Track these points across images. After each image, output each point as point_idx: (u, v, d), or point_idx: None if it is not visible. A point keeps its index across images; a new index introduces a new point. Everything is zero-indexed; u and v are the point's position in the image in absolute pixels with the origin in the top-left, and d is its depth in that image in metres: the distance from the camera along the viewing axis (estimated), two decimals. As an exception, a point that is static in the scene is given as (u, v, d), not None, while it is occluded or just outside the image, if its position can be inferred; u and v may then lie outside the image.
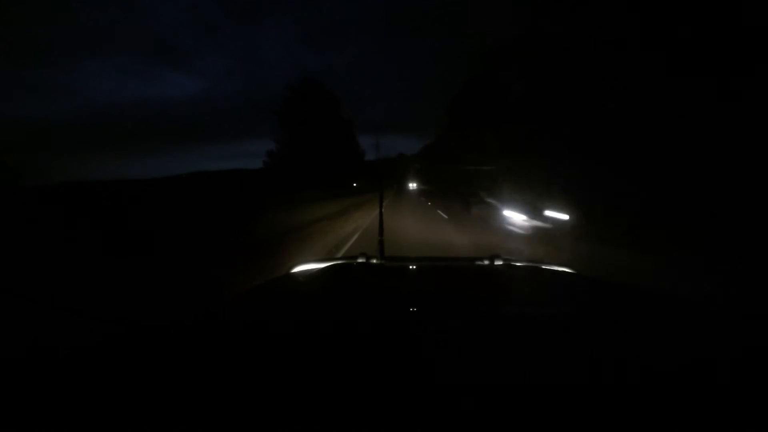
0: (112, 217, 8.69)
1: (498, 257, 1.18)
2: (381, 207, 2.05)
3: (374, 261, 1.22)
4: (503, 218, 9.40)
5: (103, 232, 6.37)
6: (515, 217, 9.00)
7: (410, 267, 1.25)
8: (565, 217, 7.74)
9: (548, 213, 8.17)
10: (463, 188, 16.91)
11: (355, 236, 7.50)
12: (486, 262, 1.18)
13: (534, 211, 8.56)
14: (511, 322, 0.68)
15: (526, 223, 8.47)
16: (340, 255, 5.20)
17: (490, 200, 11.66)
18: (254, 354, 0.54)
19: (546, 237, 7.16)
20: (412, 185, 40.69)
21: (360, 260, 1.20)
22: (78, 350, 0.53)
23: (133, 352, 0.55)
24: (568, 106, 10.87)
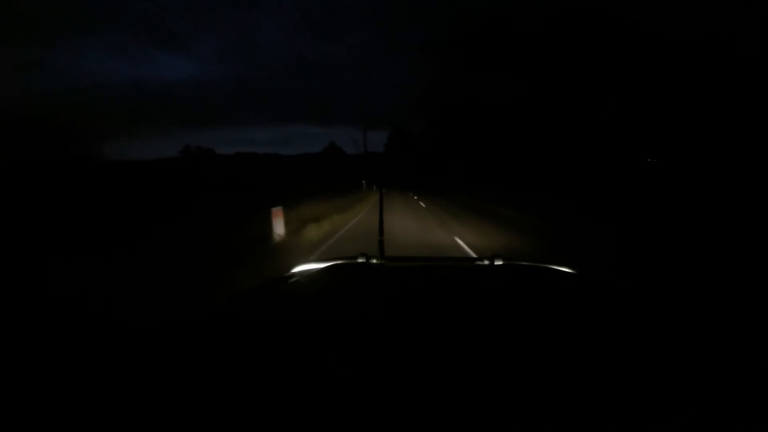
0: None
1: (498, 257, 1.18)
2: (381, 208, 2.00)
3: (374, 261, 1.21)
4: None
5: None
6: None
7: (410, 267, 1.25)
8: None
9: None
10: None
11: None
12: (486, 262, 1.18)
13: None
14: (511, 322, 0.69)
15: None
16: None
17: None
18: (254, 354, 0.54)
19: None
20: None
21: (360, 260, 1.20)
22: (77, 350, 0.53)
23: (132, 352, 0.56)
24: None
